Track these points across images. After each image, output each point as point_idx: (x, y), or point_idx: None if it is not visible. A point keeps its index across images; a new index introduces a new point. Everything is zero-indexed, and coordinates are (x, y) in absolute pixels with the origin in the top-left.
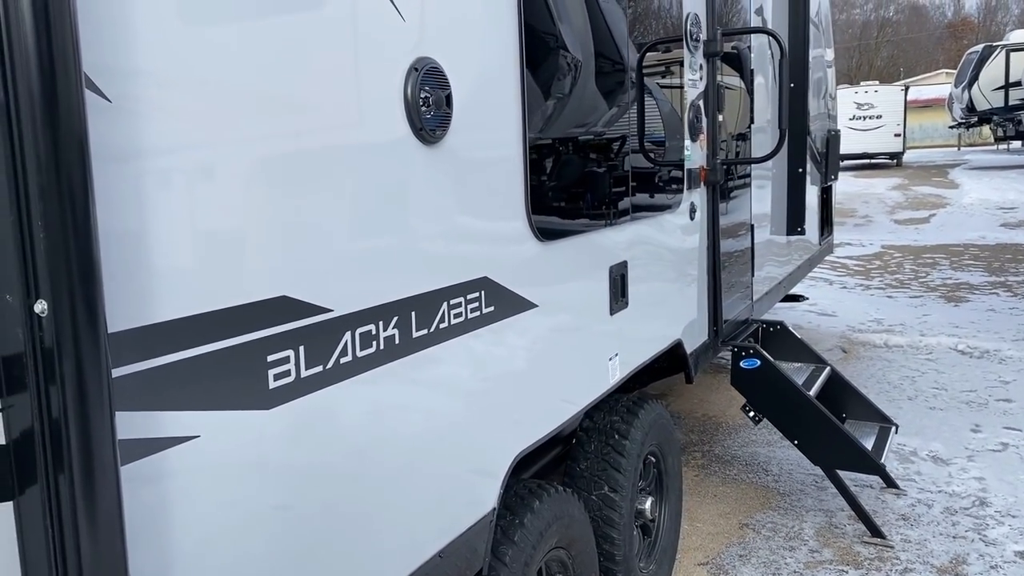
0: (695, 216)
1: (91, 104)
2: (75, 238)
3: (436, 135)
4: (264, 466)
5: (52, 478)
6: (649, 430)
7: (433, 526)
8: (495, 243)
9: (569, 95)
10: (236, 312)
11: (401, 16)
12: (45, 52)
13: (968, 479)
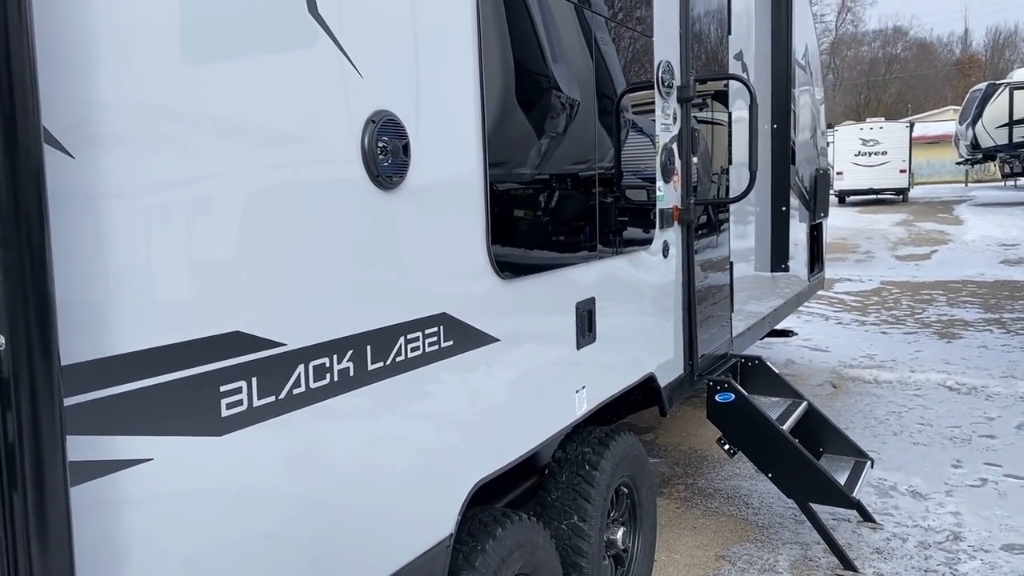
0: (668, 254)
1: (49, 155)
2: (32, 281)
3: (393, 181)
4: (216, 490)
5: (7, 494)
6: (620, 461)
7: (387, 549)
8: (455, 281)
9: (531, 141)
10: (189, 346)
11: (359, 73)
12: (7, 110)
13: (944, 514)
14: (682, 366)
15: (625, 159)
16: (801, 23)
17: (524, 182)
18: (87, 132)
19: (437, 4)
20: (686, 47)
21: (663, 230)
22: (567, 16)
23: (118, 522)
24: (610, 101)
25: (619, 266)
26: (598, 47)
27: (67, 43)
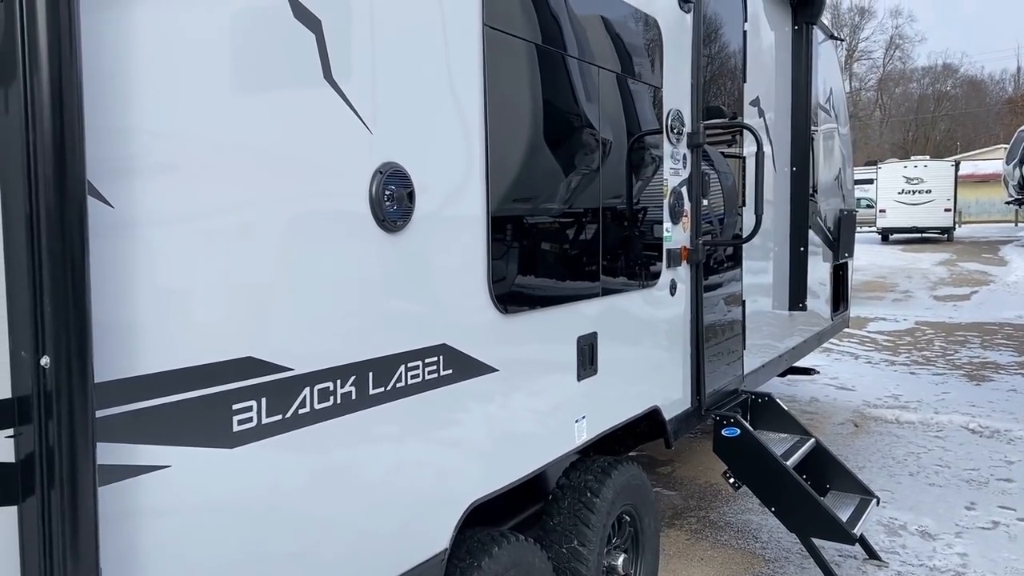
0: (676, 292)
1: (92, 206)
2: (73, 311)
3: (398, 225)
4: (226, 496)
5: (46, 490)
6: (622, 490)
7: (383, 559)
8: (456, 315)
9: (535, 187)
10: (206, 368)
11: (368, 130)
12: (57, 168)
13: (951, 554)
14: (689, 400)
15: (630, 203)
16: (825, 68)
17: (526, 225)
18: (125, 184)
19: (444, 65)
20: (697, 96)
21: (671, 269)
22: (574, 70)
23: (139, 520)
24: (616, 149)
25: (623, 303)
26: (605, 99)
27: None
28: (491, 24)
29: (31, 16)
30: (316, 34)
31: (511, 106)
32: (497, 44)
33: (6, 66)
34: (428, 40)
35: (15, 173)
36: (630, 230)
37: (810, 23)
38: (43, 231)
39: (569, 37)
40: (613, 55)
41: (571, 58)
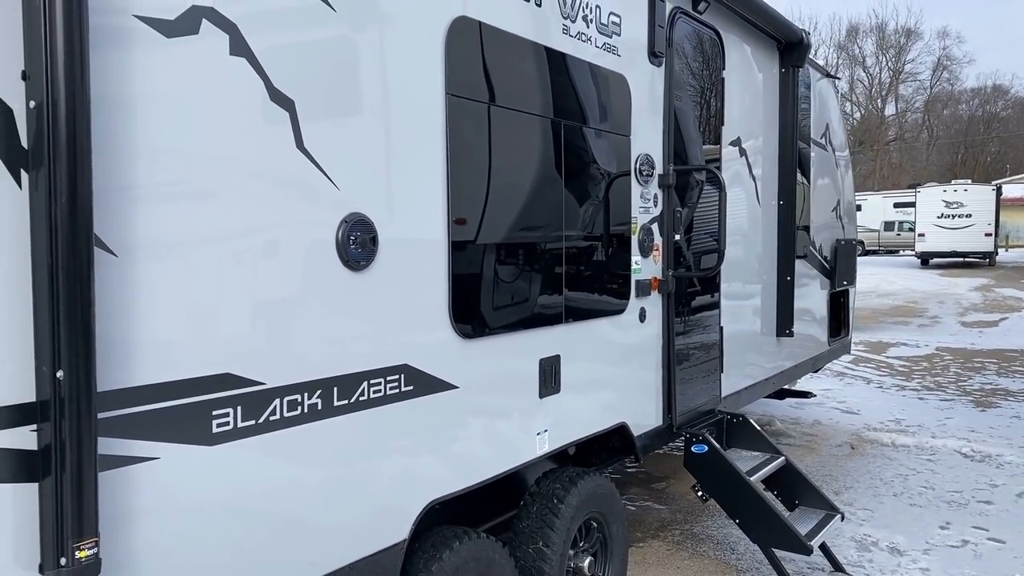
0: (646, 319)
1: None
2: (82, 338)
3: (361, 264)
4: (206, 485)
5: (58, 472)
6: (587, 498)
7: (347, 543)
8: (417, 339)
9: (495, 228)
10: (191, 382)
11: (336, 187)
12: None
13: (915, 569)
14: (660, 419)
15: (595, 240)
16: (822, 105)
17: (485, 262)
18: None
19: (408, 128)
20: (668, 141)
21: (640, 298)
22: (534, 125)
23: (131, 499)
24: (580, 191)
25: (588, 329)
26: (568, 148)
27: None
28: (453, 92)
29: (55, 122)
30: (290, 112)
31: (471, 159)
32: (459, 108)
33: (38, 159)
34: (395, 109)
35: (41, 233)
36: (595, 264)
37: (796, 66)
38: (60, 276)
39: (529, 97)
40: (576, 109)
41: (531, 115)
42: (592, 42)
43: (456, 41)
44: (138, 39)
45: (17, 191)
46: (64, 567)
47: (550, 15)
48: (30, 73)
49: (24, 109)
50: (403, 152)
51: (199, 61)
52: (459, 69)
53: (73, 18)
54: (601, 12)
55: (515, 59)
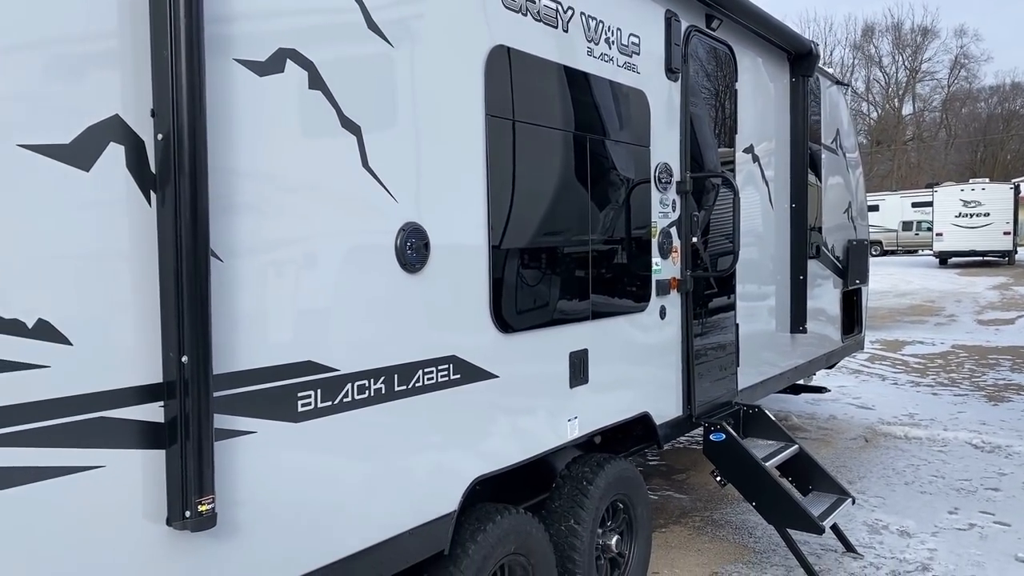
0: (666, 316)
1: (213, 264)
2: (201, 329)
3: (416, 267)
4: (293, 455)
5: (182, 441)
6: (614, 481)
7: (406, 511)
8: (463, 333)
9: (530, 232)
10: (281, 368)
11: (395, 200)
12: (191, 235)
13: (923, 549)
14: (680, 409)
15: (617, 243)
16: (832, 111)
17: (522, 264)
18: (232, 248)
19: (454, 146)
20: (685, 150)
21: (659, 297)
22: (563, 139)
23: (237, 463)
24: (603, 198)
25: (613, 325)
26: (593, 158)
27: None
28: (491, 113)
29: (179, 151)
30: (357, 136)
31: (508, 171)
32: (496, 126)
33: (164, 181)
34: (442, 129)
35: (167, 243)
36: (618, 265)
37: (805, 76)
38: (184, 277)
39: (557, 114)
40: (602, 123)
41: (559, 130)
42: (614, 62)
43: (494, 68)
44: (238, 78)
45: (147, 208)
46: (188, 519)
47: (576, 39)
48: (158, 111)
49: (152, 141)
50: (449, 167)
51: (285, 94)
52: (496, 92)
53: (194, 65)
54: (622, 34)
55: (545, 80)
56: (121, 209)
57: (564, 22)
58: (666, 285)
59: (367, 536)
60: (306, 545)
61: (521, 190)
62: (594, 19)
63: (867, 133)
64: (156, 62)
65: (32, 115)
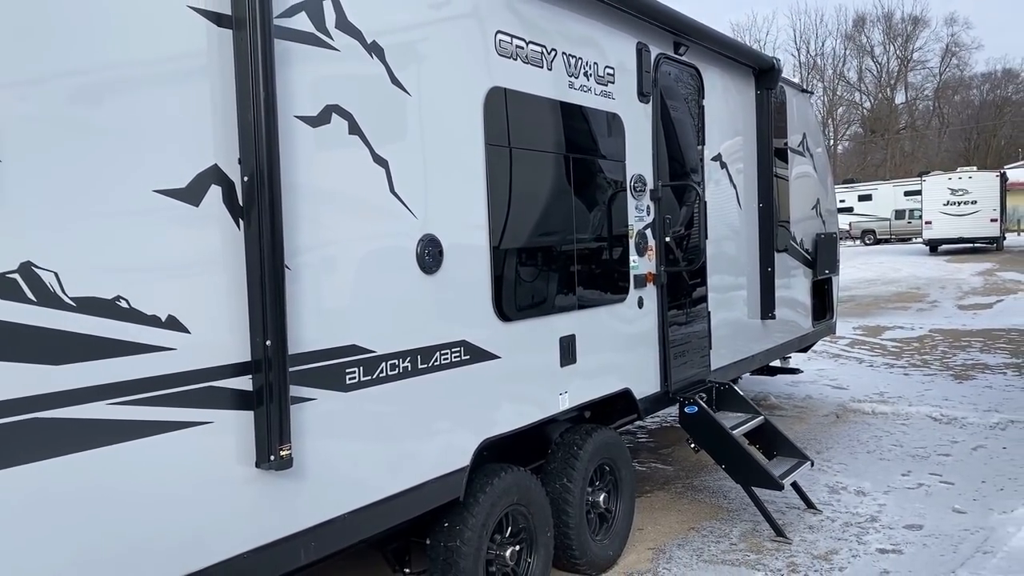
0: (643, 306)
1: (285, 272)
2: (280, 320)
3: (433, 270)
4: (344, 416)
5: (267, 404)
6: (600, 447)
7: (429, 463)
8: (471, 322)
9: (524, 239)
10: (332, 350)
11: (415, 216)
12: (270, 251)
13: (874, 505)
14: (658, 386)
15: (600, 243)
16: (799, 117)
17: (518, 265)
18: (295, 261)
19: (461, 171)
20: (656, 162)
21: (637, 289)
22: (551, 159)
23: (305, 422)
24: (588, 206)
25: (597, 314)
26: (577, 173)
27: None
28: (490, 142)
29: (260, 189)
30: (385, 168)
31: (505, 189)
32: (494, 152)
33: (248, 211)
34: (450, 158)
35: (253, 257)
36: (600, 262)
37: (769, 88)
38: (266, 281)
39: (545, 139)
40: (583, 144)
41: (546, 152)
42: (592, 91)
43: (491, 105)
44: (297, 130)
45: (236, 231)
46: (272, 461)
47: (559, 76)
48: (243, 159)
49: (240, 181)
50: (456, 188)
51: (332, 140)
52: (494, 125)
53: (268, 124)
54: (598, 67)
55: (533, 112)
56: (220, 233)
57: (549, 62)
58: (643, 279)
59: (400, 483)
60: (353, 488)
61: (516, 204)
62: (574, 57)
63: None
64: (241, 124)
65: (161, 169)
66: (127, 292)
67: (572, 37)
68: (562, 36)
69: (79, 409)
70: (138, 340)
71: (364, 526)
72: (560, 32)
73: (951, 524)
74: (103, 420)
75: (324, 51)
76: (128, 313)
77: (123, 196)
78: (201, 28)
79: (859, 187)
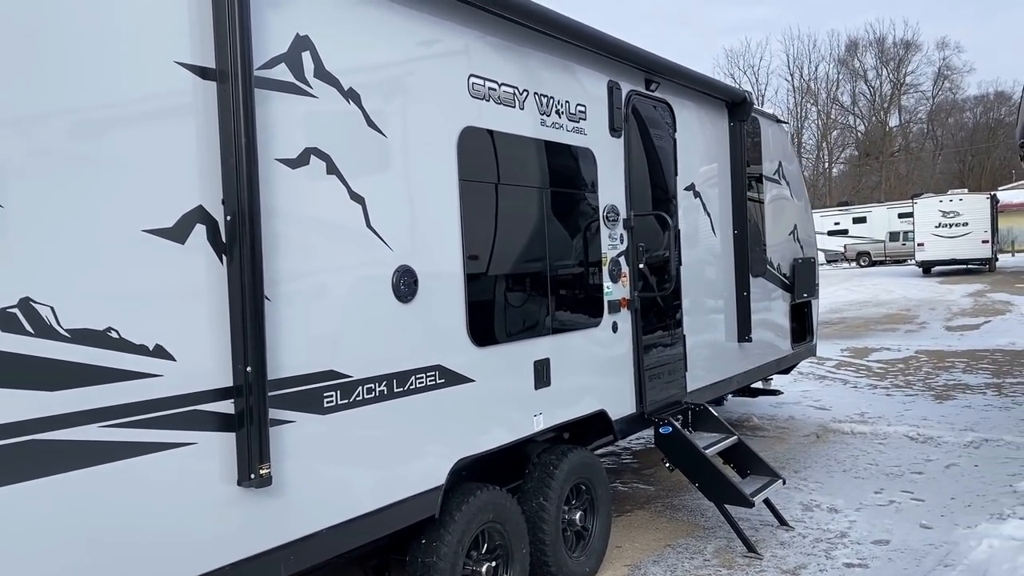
0: (618, 330)
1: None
2: (259, 348)
3: (408, 299)
4: (322, 440)
5: (248, 426)
6: (576, 466)
7: (407, 483)
8: (446, 347)
9: (498, 268)
10: (311, 375)
11: (390, 248)
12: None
13: (845, 521)
14: (634, 407)
15: (574, 271)
16: (774, 147)
17: (491, 292)
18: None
19: (436, 206)
20: (628, 193)
21: (611, 314)
22: (525, 192)
23: (283, 443)
24: (561, 235)
25: (572, 339)
26: (550, 204)
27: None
28: (464, 178)
29: (241, 227)
30: (362, 205)
31: (478, 221)
32: (468, 187)
33: (231, 247)
34: (425, 194)
35: (235, 289)
36: (574, 289)
37: (741, 120)
38: (247, 312)
39: (518, 173)
40: (556, 177)
41: (521, 186)
42: (564, 128)
43: (465, 143)
44: (278, 171)
45: (220, 266)
46: (253, 479)
47: (531, 114)
48: (226, 200)
49: (223, 220)
50: (432, 221)
51: (310, 180)
52: (467, 162)
53: (249, 168)
54: (570, 105)
55: (506, 148)
56: (204, 268)
57: (521, 102)
58: (617, 304)
59: (376, 500)
60: (331, 505)
61: (490, 235)
62: (546, 96)
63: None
64: (225, 168)
65: (149, 209)
66: (117, 323)
67: (544, 78)
68: (534, 77)
69: (73, 431)
70: (127, 368)
71: (342, 541)
72: (532, 73)
73: (917, 539)
74: (95, 442)
75: (303, 98)
76: (118, 343)
77: (114, 236)
78: (187, 81)
79: (854, 209)
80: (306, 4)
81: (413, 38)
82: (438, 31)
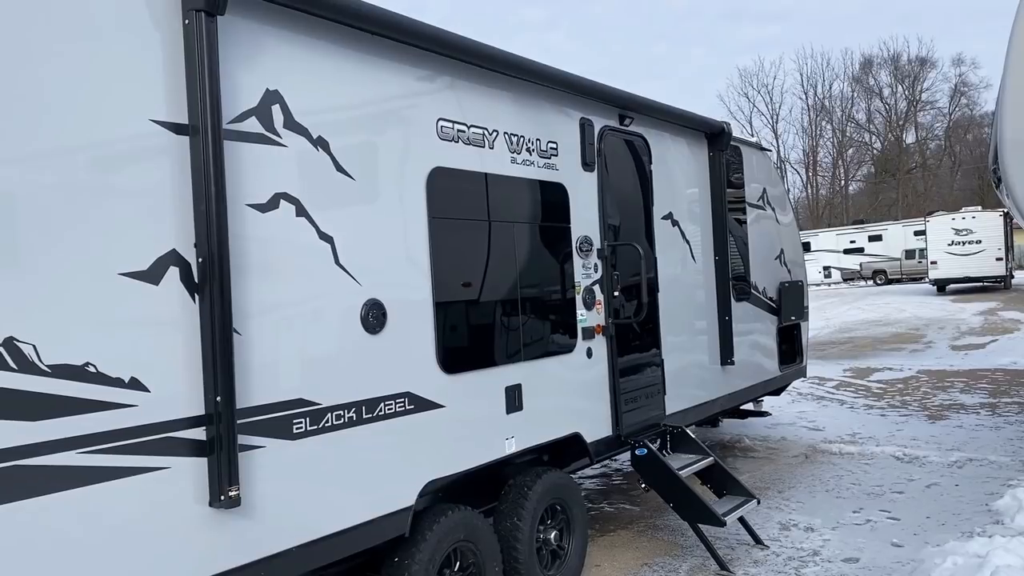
0: (592, 356)
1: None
2: (228, 379)
3: (376, 330)
4: (291, 466)
5: (218, 452)
6: (550, 488)
7: (376, 504)
8: (415, 375)
9: (466, 296)
10: (280, 403)
11: (358, 283)
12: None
13: (819, 540)
14: (610, 430)
15: (546, 300)
16: (758, 174)
17: (461, 321)
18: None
19: (405, 242)
20: (602, 224)
21: (586, 341)
22: (494, 226)
23: (253, 468)
24: (533, 265)
25: (544, 365)
26: (521, 237)
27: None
28: (433, 215)
29: (211, 268)
30: (331, 244)
31: (448, 256)
32: (437, 224)
33: (203, 286)
34: (393, 231)
35: (207, 325)
36: (546, 317)
37: (720, 150)
38: (218, 346)
39: (488, 209)
40: (526, 211)
41: (492, 221)
42: (535, 164)
43: (434, 183)
44: (248, 217)
45: (192, 304)
46: (223, 500)
47: (501, 153)
48: (198, 244)
49: (195, 262)
50: (400, 256)
51: (280, 223)
52: (437, 200)
53: (219, 213)
54: (541, 142)
55: (475, 186)
56: (178, 306)
57: (491, 142)
58: (591, 331)
59: (346, 520)
60: (301, 524)
61: (459, 268)
62: (516, 135)
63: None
64: (196, 213)
65: (125, 254)
66: (95, 359)
67: (514, 118)
68: (504, 118)
69: (54, 458)
70: (105, 399)
71: (313, 558)
72: (502, 114)
73: (887, 557)
74: (75, 467)
75: (273, 148)
76: (96, 376)
77: (93, 279)
78: (162, 136)
79: (869, 227)
80: (276, 60)
81: (381, 87)
82: (406, 79)
